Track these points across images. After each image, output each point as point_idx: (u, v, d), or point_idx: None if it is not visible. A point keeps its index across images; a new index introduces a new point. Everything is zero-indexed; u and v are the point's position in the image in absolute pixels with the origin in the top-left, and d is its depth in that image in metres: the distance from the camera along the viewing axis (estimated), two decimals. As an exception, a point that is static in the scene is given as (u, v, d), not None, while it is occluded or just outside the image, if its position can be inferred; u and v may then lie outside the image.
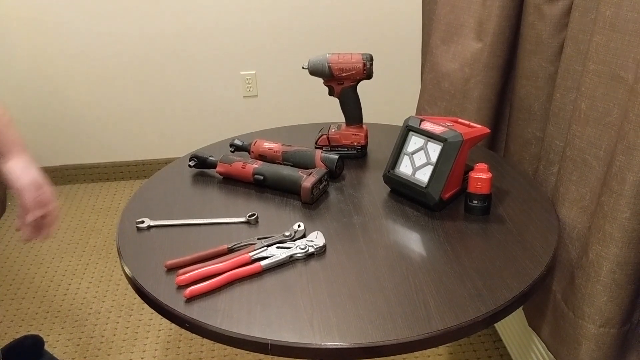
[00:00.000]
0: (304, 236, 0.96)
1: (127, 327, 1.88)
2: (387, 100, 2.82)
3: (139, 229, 1.02)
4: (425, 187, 1.03)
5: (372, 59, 1.19)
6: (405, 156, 1.09)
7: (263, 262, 0.89)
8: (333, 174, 1.16)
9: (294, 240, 0.95)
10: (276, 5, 2.58)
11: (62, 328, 1.88)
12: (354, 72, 1.19)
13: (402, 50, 2.73)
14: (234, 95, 2.75)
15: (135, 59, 2.64)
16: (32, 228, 1.01)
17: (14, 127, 0.95)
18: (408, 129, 1.09)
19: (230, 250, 0.93)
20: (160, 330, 1.86)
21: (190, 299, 0.83)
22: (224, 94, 2.75)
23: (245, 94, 2.76)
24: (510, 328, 1.57)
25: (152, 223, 1.03)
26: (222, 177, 1.19)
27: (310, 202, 1.07)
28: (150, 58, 2.64)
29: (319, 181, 1.08)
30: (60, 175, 2.85)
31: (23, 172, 0.97)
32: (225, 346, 1.75)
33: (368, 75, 1.20)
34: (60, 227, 2.47)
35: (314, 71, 1.21)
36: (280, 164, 1.18)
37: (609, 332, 0.97)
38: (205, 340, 1.80)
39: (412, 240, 0.96)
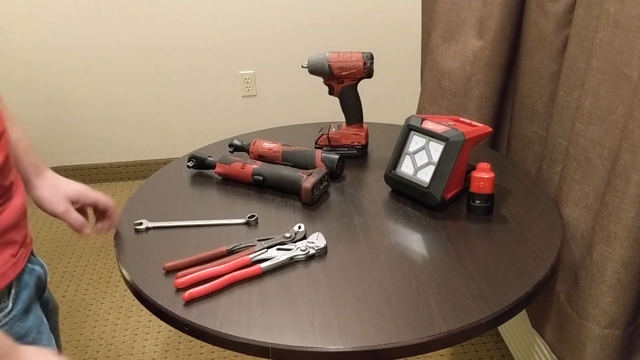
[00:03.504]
0: (304, 237, 0.95)
1: (126, 329, 1.87)
2: (387, 99, 2.80)
3: (137, 230, 1.01)
4: (427, 187, 1.02)
5: (372, 58, 1.18)
6: (407, 156, 1.07)
7: (263, 264, 0.87)
8: (333, 174, 1.14)
9: (295, 242, 0.93)
10: (275, 4, 2.57)
11: (61, 330, 1.86)
12: (354, 70, 1.17)
13: (403, 49, 2.71)
14: (233, 94, 2.74)
15: (133, 59, 2.62)
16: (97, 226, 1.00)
17: (33, 151, 0.91)
18: (409, 128, 1.07)
19: (230, 252, 0.92)
20: (159, 332, 1.84)
21: (190, 302, 0.82)
22: (222, 93, 2.73)
23: (244, 93, 2.74)
24: (512, 328, 1.56)
25: (150, 224, 1.01)
26: (221, 177, 1.17)
27: (311, 203, 1.06)
28: (148, 57, 2.63)
29: (320, 181, 1.07)
30: (59, 176, 2.84)
31: (54, 199, 0.92)
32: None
33: (368, 74, 1.18)
34: (59, 228, 2.46)
35: (314, 70, 1.19)
36: (280, 164, 1.17)
37: (613, 333, 0.96)
38: (205, 343, 1.79)
39: (414, 241, 0.95)
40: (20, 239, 0.78)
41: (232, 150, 1.23)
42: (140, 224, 1.01)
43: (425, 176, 1.03)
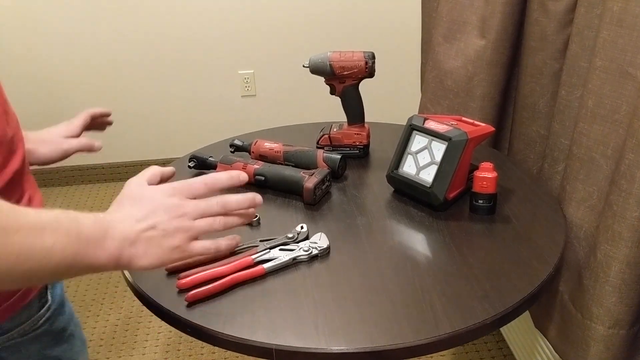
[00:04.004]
0: (307, 238, 0.94)
1: (126, 330, 1.86)
2: (388, 98, 2.80)
3: (138, 231, 1.00)
4: (430, 187, 1.01)
5: (374, 57, 1.17)
6: (409, 156, 1.07)
7: (266, 265, 0.87)
8: (335, 174, 1.14)
9: (297, 242, 0.93)
10: (274, 4, 2.56)
11: (61, 331, 1.86)
12: (355, 70, 1.17)
13: (404, 48, 2.71)
14: (232, 94, 2.73)
15: (132, 59, 2.62)
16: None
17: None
18: (412, 128, 1.07)
19: (232, 253, 0.91)
20: (159, 333, 1.84)
21: (192, 303, 0.81)
22: (222, 93, 2.73)
23: (243, 93, 2.74)
24: (514, 328, 1.56)
25: (152, 225, 1.00)
26: (222, 177, 1.17)
27: (313, 203, 1.05)
28: (147, 57, 2.62)
29: (322, 182, 1.06)
30: (58, 177, 2.83)
31: (54, 146, 0.94)
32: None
33: (370, 73, 1.18)
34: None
35: (315, 70, 1.19)
36: (282, 164, 1.16)
37: (618, 333, 0.96)
38: (205, 343, 1.79)
39: (417, 241, 0.95)
40: None
41: (233, 150, 1.22)
42: (142, 224, 1.00)
43: (427, 176, 1.03)
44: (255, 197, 0.70)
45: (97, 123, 1.05)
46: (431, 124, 1.04)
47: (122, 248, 0.60)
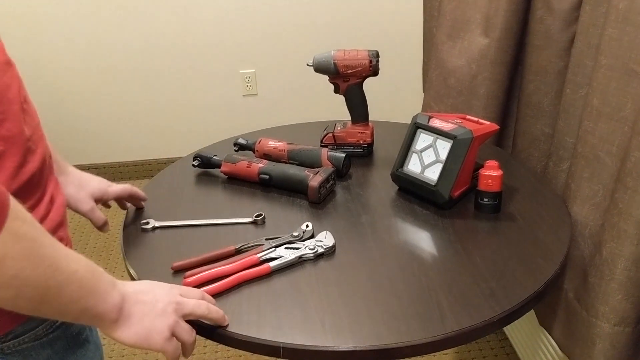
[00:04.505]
0: (312, 236, 0.94)
1: (129, 329, 1.86)
2: (391, 97, 2.80)
3: (143, 229, 1.00)
4: (435, 185, 1.01)
5: (378, 55, 1.17)
6: (414, 154, 1.07)
7: (272, 263, 0.87)
8: (340, 173, 1.14)
9: (303, 241, 0.93)
10: (275, 3, 2.56)
11: (63, 330, 1.86)
12: (359, 68, 1.17)
13: (407, 46, 2.70)
14: (234, 93, 2.73)
15: (134, 58, 2.61)
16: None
17: (52, 146, 0.94)
18: (416, 126, 1.07)
19: (238, 251, 0.91)
20: (162, 332, 1.83)
21: (198, 302, 0.81)
22: (223, 92, 2.72)
23: (244, 92, 2.74)
24: (517, 326, 1.56)
25: (157, 224, 1.01)
26: (226, 176, 1.17)
27: (318, 202, 1.05)
28: (149, 57, 2.62)
29: (326, 180, 1.06)
30: (59, 176, 2.83)
31: (79, 197, 0.95)
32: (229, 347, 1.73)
33: (374, 72, 1.18)
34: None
35: (319, 68, 1.19)
36: (286, 163, 1.16)
37: (623, 331, 0.96)
38: (208, 341, 1.78)
39: (422, 240, 0.95)
40: (65, 237, 0.77)
41: (237, 149, 1.22)
42: (147, 223, 1.00)
43: (432, 174, 1.03)
44: (224, 319, 0.77)
45: (128, 200, 1.05)
46: (436, 122, 1.04)
47: (124, 303, 0.65)
